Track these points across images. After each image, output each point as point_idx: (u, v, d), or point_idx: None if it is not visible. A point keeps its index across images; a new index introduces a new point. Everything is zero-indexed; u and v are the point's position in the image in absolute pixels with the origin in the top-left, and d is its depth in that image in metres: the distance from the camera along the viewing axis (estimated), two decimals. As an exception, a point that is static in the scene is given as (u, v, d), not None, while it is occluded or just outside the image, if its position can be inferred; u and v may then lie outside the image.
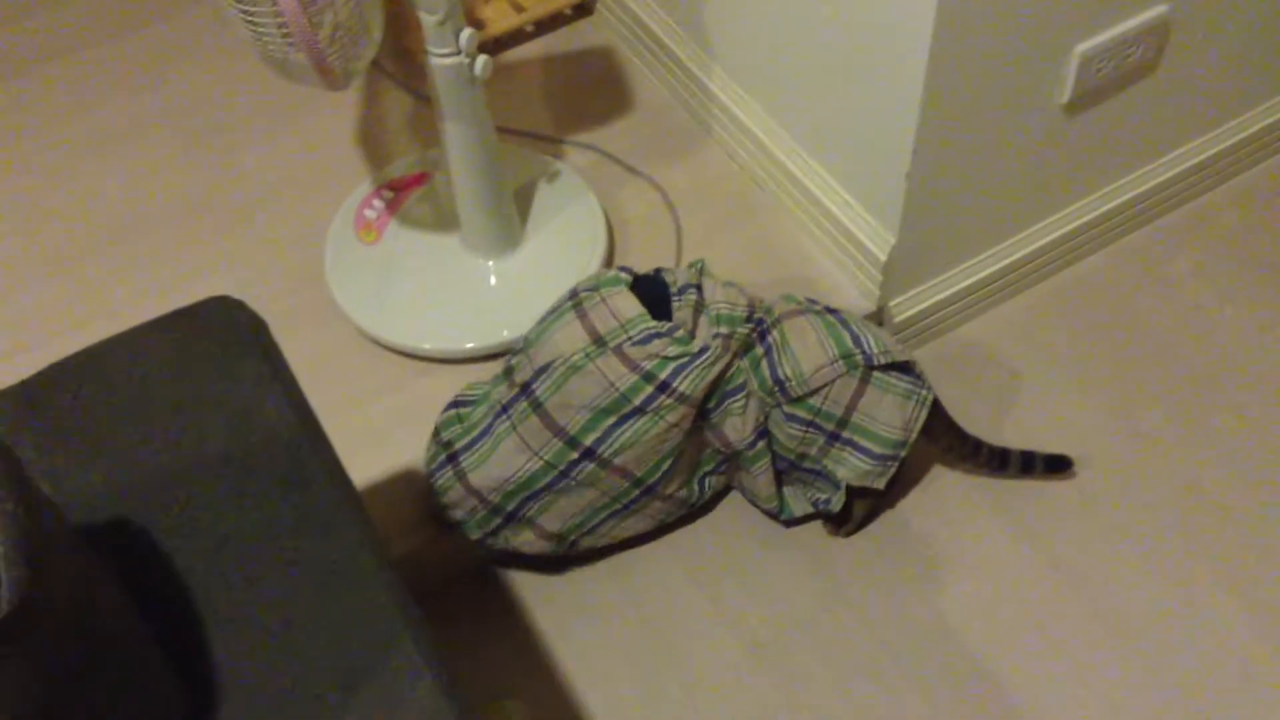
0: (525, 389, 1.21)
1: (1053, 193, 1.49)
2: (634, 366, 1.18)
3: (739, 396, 1.24)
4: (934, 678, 1.27)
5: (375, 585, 0.75)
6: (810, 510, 1.34)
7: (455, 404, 1.31)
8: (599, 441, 1.20)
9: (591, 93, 1.74)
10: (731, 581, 1.35)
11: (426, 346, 1.42)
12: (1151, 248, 1.63)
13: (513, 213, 1.48)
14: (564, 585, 1.35)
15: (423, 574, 1.31)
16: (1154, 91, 1.45)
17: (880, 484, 1.27)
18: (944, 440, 1.33)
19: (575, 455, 1.21)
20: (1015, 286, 1.57)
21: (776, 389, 1.22)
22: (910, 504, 1.40)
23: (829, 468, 1.28)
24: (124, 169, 1.67)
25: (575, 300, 1.24)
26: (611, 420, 1.19)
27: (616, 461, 1.21)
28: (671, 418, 1.20)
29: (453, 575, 1.36)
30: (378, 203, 1.54)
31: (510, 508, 1.24)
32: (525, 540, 1.28)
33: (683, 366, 1.18)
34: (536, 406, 1.20)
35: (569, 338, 1.20)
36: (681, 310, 1.22)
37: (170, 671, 0.68)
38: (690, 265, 1.29)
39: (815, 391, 1.21)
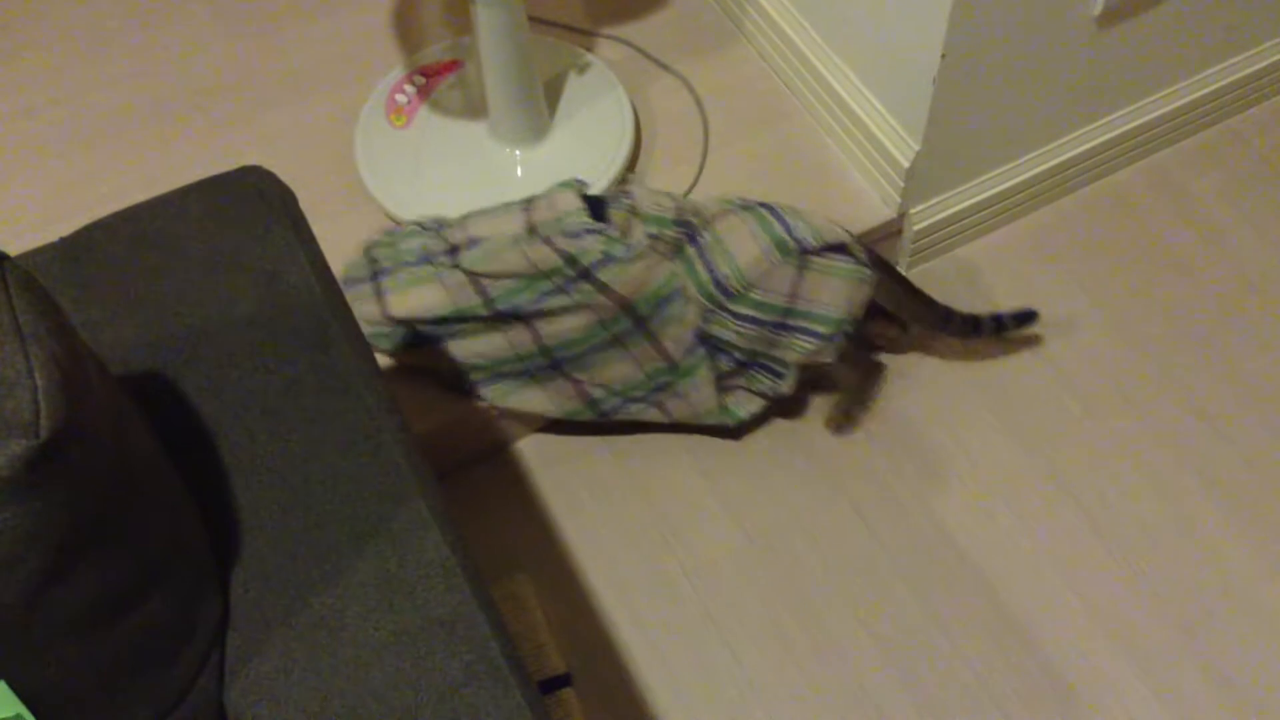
0: (453, 250, 1.26)
1: (1079, 106, 1.49)
2: (559, 251, 1.22)
3: (676, 301, 1.26)
4: (927, 577, 1.32)
5: (390, 445, 0.79)
6: (760, 405, 1.36)
7: (390, 232, 1.34)
8: (518, 306, 1.24)
9: (626, -14, 1.74)
10: (736, 476, 1.39)
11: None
12: (1177, 167, 1.63)
13: (541, 103, 1.49)
14: (574, 468, 1.40)
15: (439, 454, 1.36)
16: (1188, 6, 1.43)
17: (828, 358, 1.30)
18: (912, 311, 1.36)
19: (487, 312, 1.25)
20: (1037, 200, 1.57)
21: (716, 288, 1.25)
22: (915, 408, 1.43)
23: (776, 355, 1.31)
24: (162, 44, 1.69)
25: (526, 199, 1.29)
26: (530, 294, 1.24)
27: (536, 324, 1.26)
28: (590, 303, 1.23)
29: (467, 456, 1.40)
30: (409, 88, 1.56)
31: (421, 330, 1.28)
32: (426, 359, 1.32)
33: (608, 259, 1.22)
34: (457, 269, 1.25)
35: (507, 222, 1.26)
36: (617, 214, 1.25)
37: (194, 511, 0.73)
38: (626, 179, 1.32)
39: (755, 284, 1.24)
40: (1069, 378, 1.45)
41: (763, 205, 1.28)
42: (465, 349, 1.29)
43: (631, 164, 1.53)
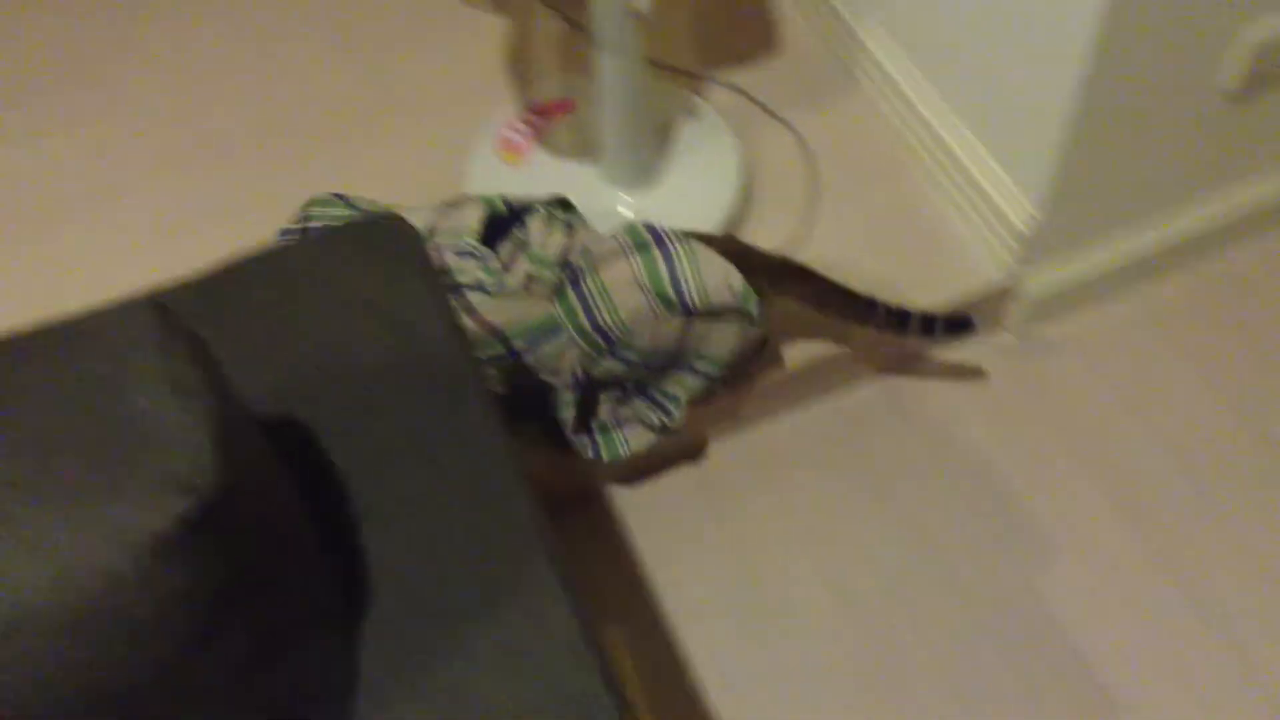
0: (339, 196, 1.30)
1: (1208, 177, 1.45)
2: (440, 262, 1.22)
3: (554, 339, 1.23)
4: (1022, 649, 1.28)
5: (518, 505, 0.78)
6: (649, 440, 1.32)
7: (335, 198, 1.33)
8: None
9: (740, 31, 1.73)
10: (830, 528, 1.37)
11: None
12: (1301, 245, 1.59)
13: (653, 149, 1.49)
14: (666, 518, 1.39)
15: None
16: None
17: (719, 393, 1.30)
18: (834, 305, 1.29)
19: None
20: (1157, 272, 1.54)
21: (599, 336, 1.22)
22: (1018, 479, 1.40)
23: (667, 390, 1.29)
24: (277, 66, 1.72)
25: (449, 202, 1.28)
26: None
27: None
28: (464, 321, 1.21)
29: (560, 502, 1.40)
30: (522, 125, 1.56)
31: None
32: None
33: (479, 287, 1.21)
34: None
35: (417, 216, 1.25)
36: (506, 245, 1.23)
37: (326, 565, 0.73)
38: (548, 201, 1.29)
39: (637, 334, 1.21)
40: (1184, 459, 1.41)
41: (659, 243, 1.22)
42: None
43: (738, 212, 1.52)
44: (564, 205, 1.29)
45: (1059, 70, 1.23)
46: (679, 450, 1.43)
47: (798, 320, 1.42)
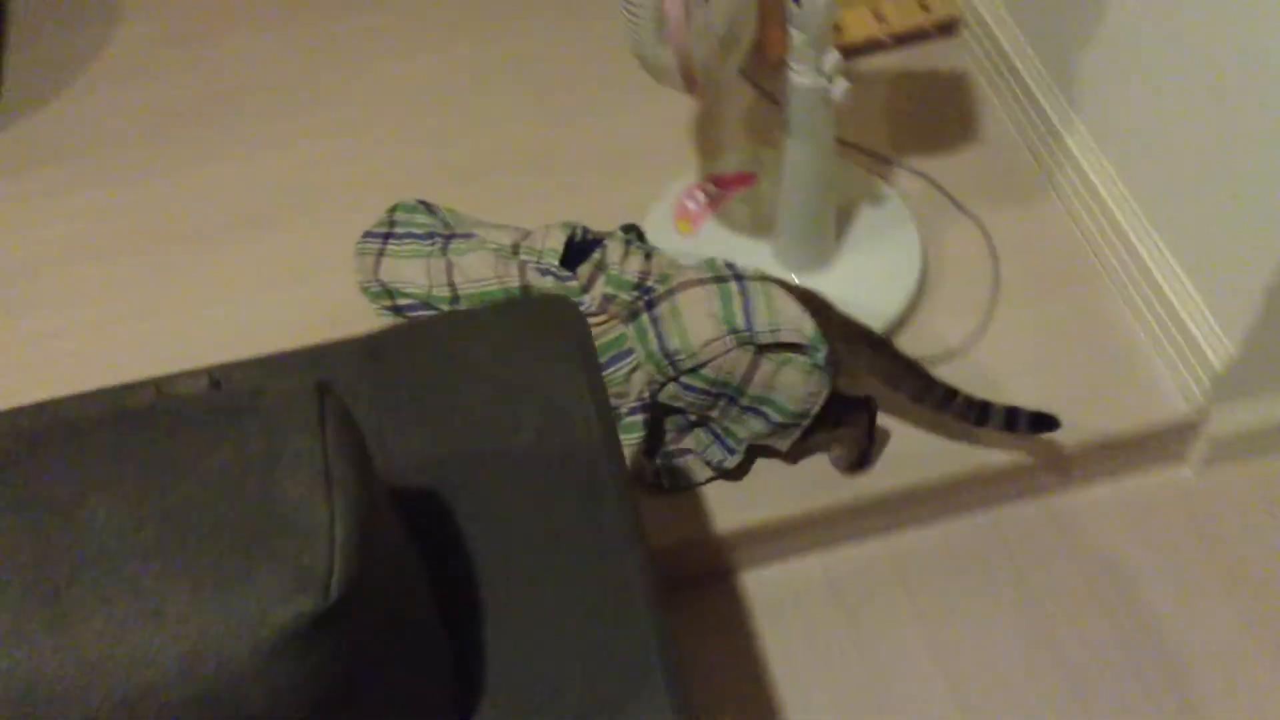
0: (449, 238, 1.36)
1: None
2: (522, 279, 1.29)
3: (625, 363, 1.26)
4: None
5: (642, 617, 0.76)
6: (706, 475, 1.34)
7: (420, 205, 1.43)
8: (468, 301, 1.31)
9: (935, 118, 1.69)
10: (966, 643, 1.30)
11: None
12: None
13: (831, 233, 1.45)
14: (791, 608, 1.34)
15: (661, 571, 1.33)
16: None
17: (784, 446, 1.29)
18: (907, 387, 1.27)
19: (449, 300, 1.32)
20: (1358, 423, 1.42)
21: (667, 361, 1.24)
22: (1164, 604, 1.31)
23: (730, 429, 1.29)
24: (466, 113, 1.75)
25: (526, 231, 1.36)
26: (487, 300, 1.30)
27: None
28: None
29: (686, 579, 1.37)
30: (700, 195, 1.55)
31: (400, 302, 1.36)
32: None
33: None
34: (444, 253, 1.34)
35: (502, 234, 1.34)
36: (584, 266, 1.28)
37: (447, 656, 0.72)
38: (626, 227, 1.34)
39: (706, 363, 1.23)
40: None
41: (737, 278, 1.25)
42: None
43: (911, 305, 1.47)
44: (639, 234, 1.35)
45: (1276, 207, 1.15)
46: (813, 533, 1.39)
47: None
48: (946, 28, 1.76)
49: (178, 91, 1.81)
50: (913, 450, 1.37)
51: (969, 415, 1.27)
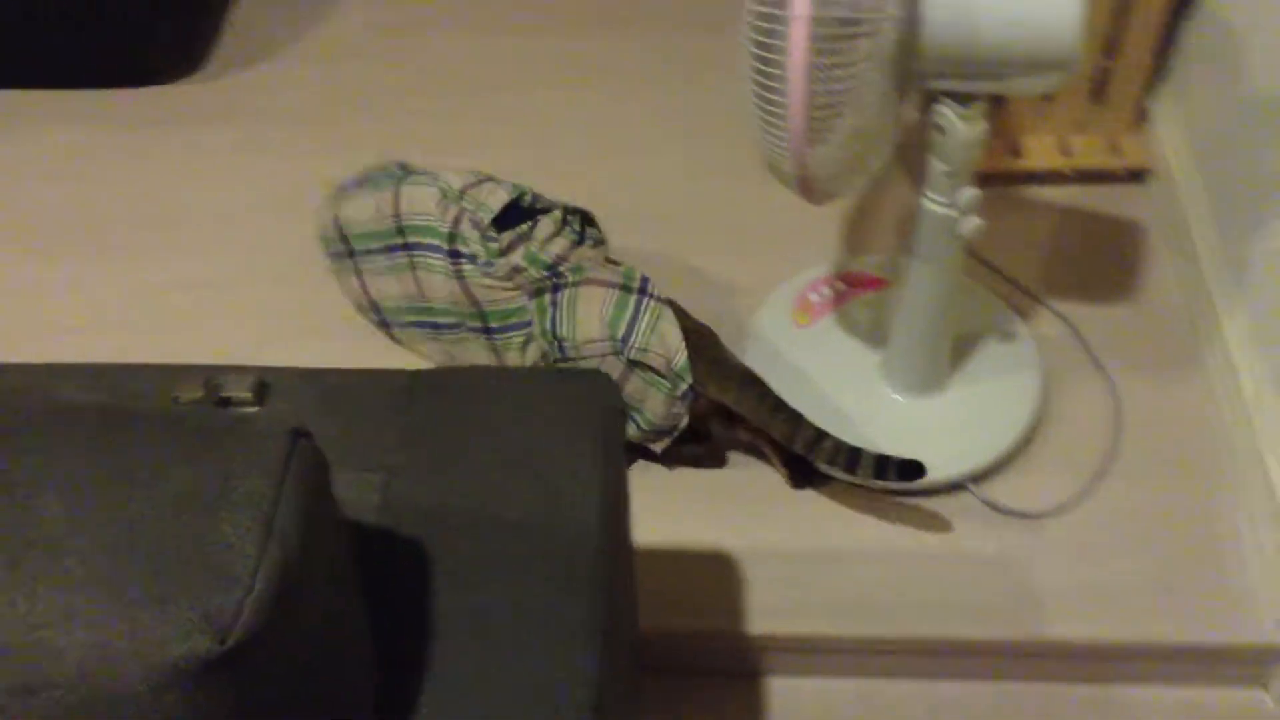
0: (403, 176, 1.42)
1: None
2: (454, 223, 1.35)
3: (521, 332, 1.35)
4: None
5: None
6: None
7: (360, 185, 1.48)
8: (409, 245, 1.39)
9: (1096, 263, 1.61)
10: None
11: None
12: None
13: (945, 361, 1.41)
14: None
15: (686, 654, 1.32)
16: None
17: (657, 448, 1.35)
18: (777, 428, 1.29)
19: (397, 242, 1.39)
20: None
21: (555, 343, 1.32)
22: None
23: None
24: (615, 163, 1.76)
25: (487, 175, 1.41)
26: (425, 237, 1.37)
27: (416, 273, 1.39)
28: (449, 281, 1.36)
29: (709, 669, 1.35)
30: (826, 290, 1.53)
31: (350, 247, 1.44)
32: (349, 287, 1.48)
33: (472, 259, 1.35)
34: (397, 184, 1.40)
35: (454, 176, 1.40)
36: (509, 233, 1.35)
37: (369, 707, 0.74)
38: (571, 208, 1.40)
39: (587, 359, 1.31)
40: None
41: (640, 292, 1.32)
42: (376, 286, 1.44)
43: (1014, 452, 1.41)
44: (585, 218, 1.41)
45: None
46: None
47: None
48: (1134, 174, 1.68)
49: (373, 79, 1.90)
50: (966, 602, 1.31)
51: (837, 459, 1.27)
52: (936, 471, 1.37)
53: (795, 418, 1.29)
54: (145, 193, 1.75)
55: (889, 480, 1.29)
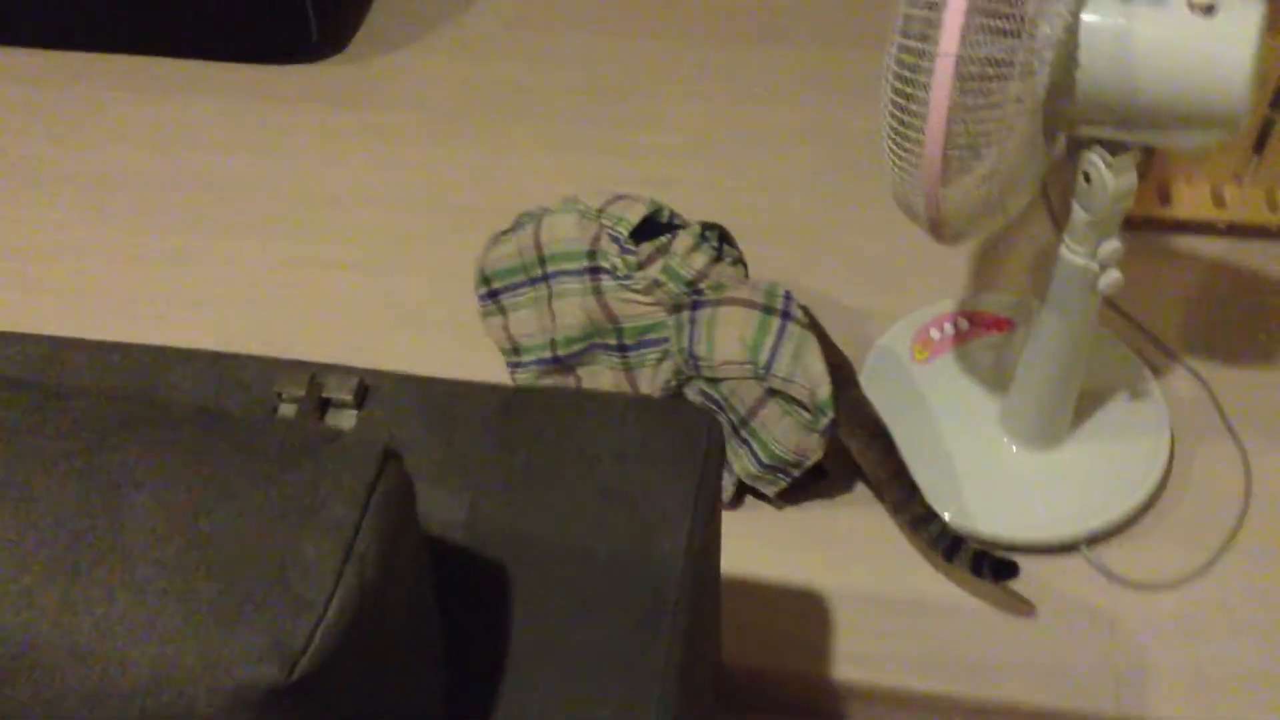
0: (545, 210, 1.38)
1: None
2: (593, 240, 1.32)
3: (657, 349, 1.32)
4: None
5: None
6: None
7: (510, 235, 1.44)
8: (549, 275, 1.36)
9: (1240, 323, 1.52)
10: None
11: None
12: None
13: (1069, 413, 1.34)
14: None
15: (755, 692, 1.29)
16: None
17: (770, 491, 1.31)
18: (889, 492, 1.28)
19: (538, 273, 1.36)
20: None
21: (690, 361, 1.29)
22: None
23: (731, 457, 1.32)
24: (746, 177, 1.73)
25: (620, 195, 1.38)
26: (566, 265, 1.35)
27: (553, 303, 1.36)
28: (587, 299, 1.33)
29: (784, 706, 1.31)
30: (948, 326, 1.47)
31: (493, 287, 1.40)
32: (495, 325, 1.42)
33: (611, 273, 1.32)
34: (536, 222, 1.37)
35: (589, 197, 1.37)
36: (649, 245, 1.32)
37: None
38: (708, 224, 1.36)
39: (723, 381, 1.27)
40: None
41: (784, 315, 1.27)
42: (520, 322, 1.39)
43: (1131, 518, 1.34)
44: (723, 235, 1.37)
45: None
46: None
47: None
48: (1291, 230, 1.58)
49: (510, 75, 1.89)
50: (1065, 670, 1.25)
51: (940, 544, 1.25)
52: (1049, 530, 1.31)
53: (911, 489, 1.25)
54: (282, 170, 1.78)
55: (983, 578, 1.25)
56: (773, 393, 1.26)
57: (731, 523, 1.36)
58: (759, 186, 1.71)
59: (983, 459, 1.36)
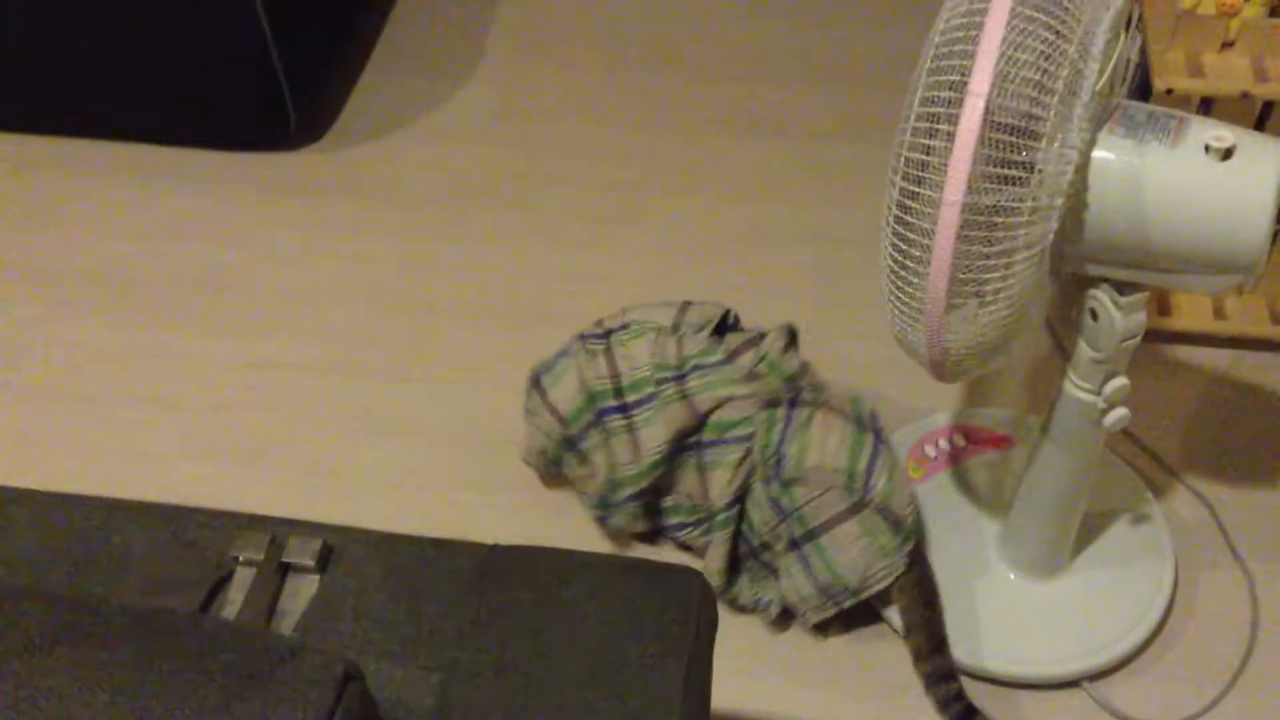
0: (607, 333, 1.30)
1: None
2: (678, 347, 1.26)
3: (738, 447, 1.23)
4: None
5: None
6: (752, 604, 1.29)
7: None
8: (627, 405, 1.27)
9: (1243, 440, 1.47)
10: None
11: (894, 617, 1.30)
12: None
13: (1068, 544, 1.29)
14: None
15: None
16: None
17: (815, 618, 1.25)
18: (916, 636, 1.21)
19: (612, 404, 1.27)
20: None
21: (774, 461, 1.21)
22: None
23: (784, 572, 1.24)
24: (739, 273, 1.68)
25: (689, 302, 1.33)
26: (648, 389, 1.26)
27: (636, 433, 1.27)
28: (667, 409, 1.24)
29: None
30: (944, 443, 1.42)
31: (572, 432, 1.31)
32: (583, 476, 1.34)
33: (702, 367, 1.25)
34: (608, 349, 1.29)
35: (659, 313, 1.31)
36: (736, 336, 1.29)
37: None
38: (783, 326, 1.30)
39: (803, 484, 1.20)
40: None
41: (875, 434, 1.23)
42: (604, 464, 1.30)
43: (1136, 650, 1.28)
44: (793, 337, 1.31)
45: None
46: None
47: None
48: (1305, 344, 1.54)
49: (492, 165, 1.85)
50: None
51: (952, 709, 1.19)
52: (1050, 666, 1.26)
53: (942, 644, 1.21)
54: (257, 264, 1.72)
55: None
56: (856, 510, 1.20)
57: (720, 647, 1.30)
58: (750, 287, 1.66)
59: (979, 587, 1.31)
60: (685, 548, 1.36)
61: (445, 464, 1.48)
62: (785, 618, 1.30)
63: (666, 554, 1.38)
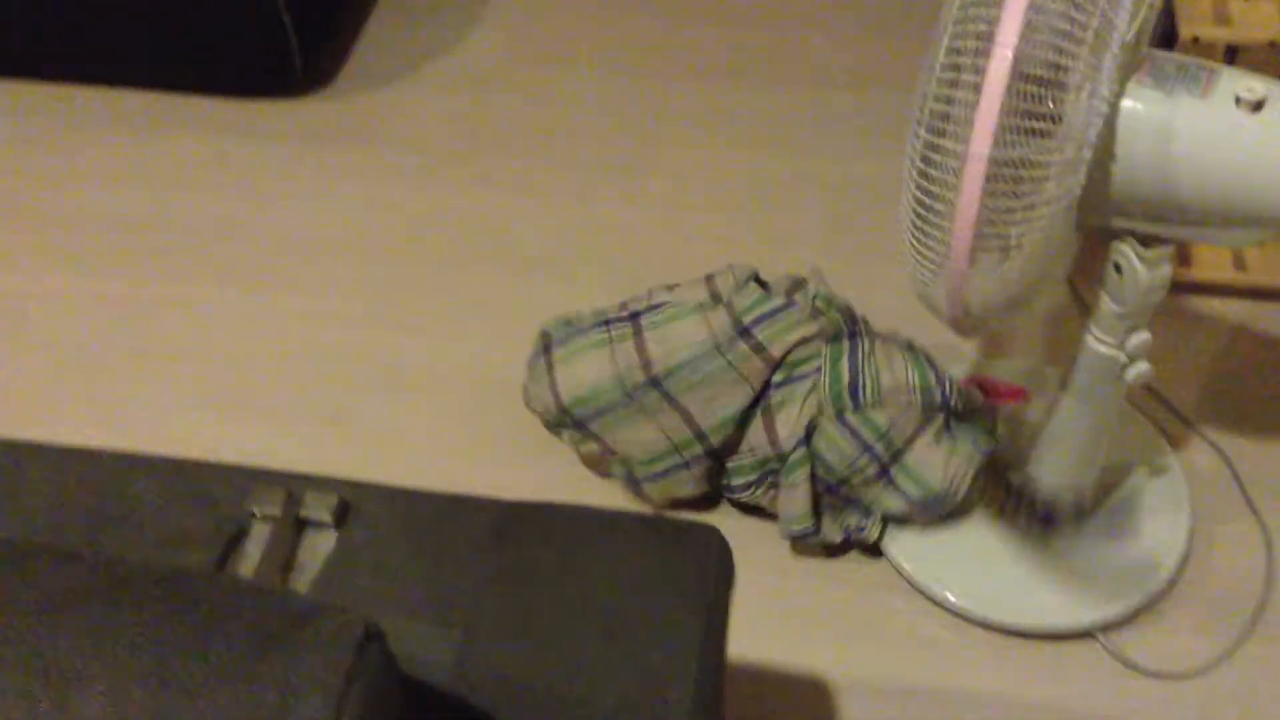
0: (633, 316, 1.27)
1: None
2: (728, 315, 1.24)
3: (805, 382, 1.23)
4: None
5: None
6: (842, 537, 1.29)
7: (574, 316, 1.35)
8: (670, 375, 1.24)
9: (1263, 392, 1.46)
10: None
11: (907, 567, 1.30)
12: None
13: (1087, 497, 1.29)
14: None
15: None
16: None
17: (918, 521, 1.28)
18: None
19: (643, 379, 1.24)
20: None
21: (846, 391, 1.22)
22: None
23: (872, 499, 1.26)
24: (750, 224, 1.67)
25: (709, 274, 1.31)
26: (696, 373, 1.24)
27: (681, 399, 1.24)
28: (743, 368, 1.23)
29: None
30: (960, 396, 1.41)
31: (576, 415, 1.28)
32: (590, 451, 1.32)
33: (765, 316, 1.24)
34: (637, 332, 1.26)
35: (690, 291, 1.28)
36: (782, 281, 1.30)
37: None
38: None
39: (884, 408, 1.21)
40: None
41: (929, 361, 1.25)
42: (622, 442, 1.28)
43: (1149, 603, 1.28)
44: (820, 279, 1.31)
45: None
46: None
47: None
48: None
49: (502, 112, 1.82)
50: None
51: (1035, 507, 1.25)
52: (1064, 617, 1.26)
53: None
54: (265, 214, 1.71)
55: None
56: (927, 424, 1.23)
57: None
58: (764, 236, 1.65)
59: (1001, 535, 1.30)
60: (748, 510, 1.35)
61: (460, 417, 1.47)
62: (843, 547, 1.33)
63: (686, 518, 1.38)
